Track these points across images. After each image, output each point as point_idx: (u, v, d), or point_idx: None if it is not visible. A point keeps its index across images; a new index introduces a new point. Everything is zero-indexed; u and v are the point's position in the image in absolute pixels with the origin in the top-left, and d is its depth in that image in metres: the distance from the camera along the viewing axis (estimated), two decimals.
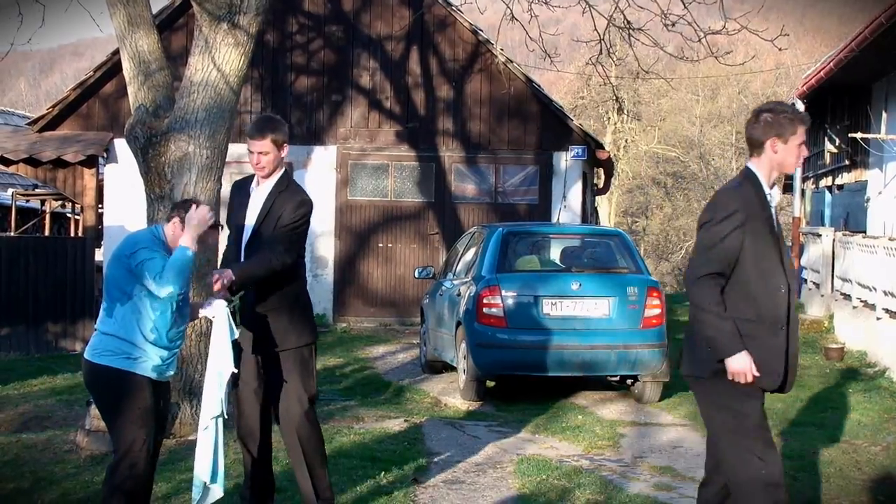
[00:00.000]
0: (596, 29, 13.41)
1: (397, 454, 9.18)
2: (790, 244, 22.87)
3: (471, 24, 21.57)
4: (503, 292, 12.32)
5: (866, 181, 21.19)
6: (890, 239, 15.06)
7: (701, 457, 9.50)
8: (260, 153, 6.99)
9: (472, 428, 10.78)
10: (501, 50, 21.36)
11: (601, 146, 23.43)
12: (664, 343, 12.35)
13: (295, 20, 21.72)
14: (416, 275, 15.77)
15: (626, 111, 48.66)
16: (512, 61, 21.78)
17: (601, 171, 28.38)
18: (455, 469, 8.85)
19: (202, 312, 6.63)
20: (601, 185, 30.23)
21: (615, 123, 49.89)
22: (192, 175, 9.72)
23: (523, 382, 13.07)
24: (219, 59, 9.67)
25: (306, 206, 7.30)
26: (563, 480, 8.42)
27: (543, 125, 21.78)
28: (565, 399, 12.62)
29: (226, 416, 6.57)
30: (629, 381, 12.95)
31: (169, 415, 7.16)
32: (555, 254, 13.85)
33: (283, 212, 7.09)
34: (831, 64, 19.30)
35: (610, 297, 12.35)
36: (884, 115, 19.74)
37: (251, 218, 7.10)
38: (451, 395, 12.90)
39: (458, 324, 12.86)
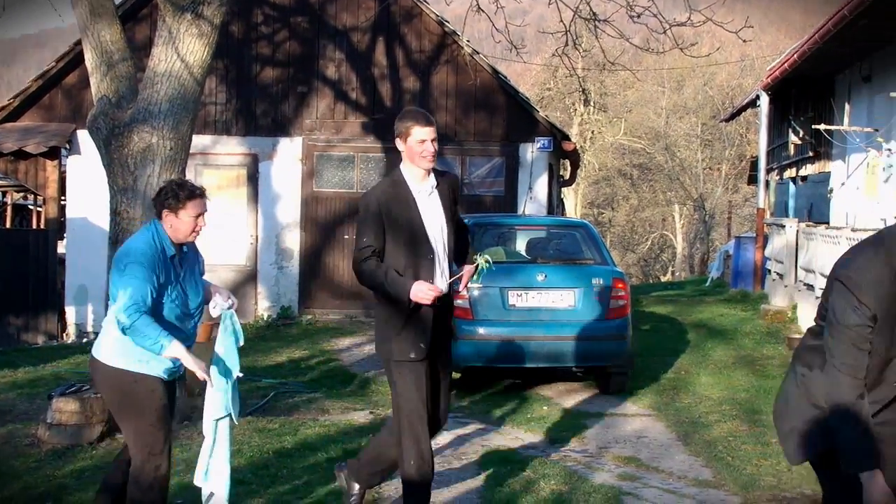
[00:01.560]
0: (562, 20, 13.42)
1: (363, 446, 9.17)
2: (755, 235, 23.00)
3: (437, 15, 21.55)
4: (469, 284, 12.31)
5: (829, 172, 21.33)
6: (852, 230, 15.16)
7: (664, 446, 9.61)
8: (433, 140, 6.72)
9: None
10: (468, 41, 21.37)
11: (567, 138, 23.44)
12: (629, 334, 12.39)
13: (260, 11, 21.63)
14: None
15: (592, 103, 48.84)
16: (478, 53, 21.77)
17: (567, 162, 28.45)
18: None
19: (213, 310, 6.47)
20: (567, 177, 30.30)
21: (581, 115, 50.09)
22: (155, 166, 9.68)
23: (489, 374, 13.08)
24: (182, 49, 9.63)
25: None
26: (528, 471, 8.45)
27: (510, 117, 21.78)
28: (530, 390, 12.65)
29: (235, 420, 6.54)
30: (594, 373, 12.99)
31: (176, 414, 7.01)
32: (521, 245, 13.86)
33: (454, 199, 6.93)
34: (795, 56, 19.40)
35: (575, 289, 12.37)
36: (846, 106, 19.87)
37: (437, 217, 6.76)
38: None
39: None
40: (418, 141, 6.65)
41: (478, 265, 6.82)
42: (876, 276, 4.53)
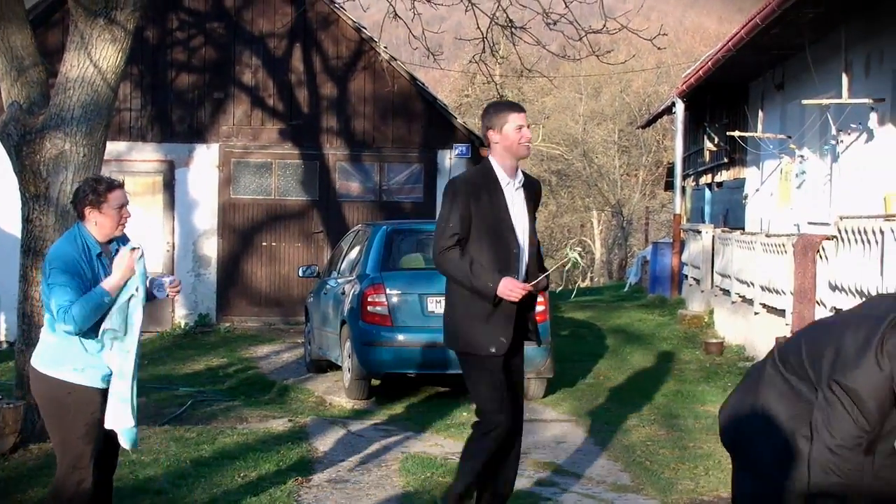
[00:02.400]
0: (479, 27, 13.44)
1: (281, 454, 9.13)
2: (671, 241, 23.23)
3: (354, 21, 21.50)
4: (387, 290, 12.31)
5: (744, 179, 21.60)
6: (767, 235, 15.38)
7: (583, 451, 9.66)
8: (529, 126, 6.63)
9: (358, 426, 10.77)
10: (385, 48, 21.36)
11: (484, 144, 23.51)
12: (548, 340, 12.42)
13: (175, 16, 21.42)
14: (301, 273, 15.72)
15: None
16: (396, 59, 21.76)
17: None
18: (339, 468, 8.83)
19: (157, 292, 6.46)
20: None
21: None
22: (68, 173, 9.53)
23: (409, 380, 13.07)
24: (95, 55, 9.50)
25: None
26: (448, 478, 8.41)
27: (428, 123, 21.80)
28: (451, 396, 12.65)
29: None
30: None
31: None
32: None
33: (536, 203, 6.86)
34: (710, 63, 19.62)
35: None
36: (760, 114, 20.15)
37: (522, 212, 6.69)
38: (337, 393, 12.86)
39: (343, 322, 12.82)
40: (516, 128, 6.53)
41: (568, 259, 6.69)
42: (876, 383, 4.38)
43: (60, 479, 6.01)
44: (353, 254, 13.81)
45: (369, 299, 12.29)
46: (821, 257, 12.33)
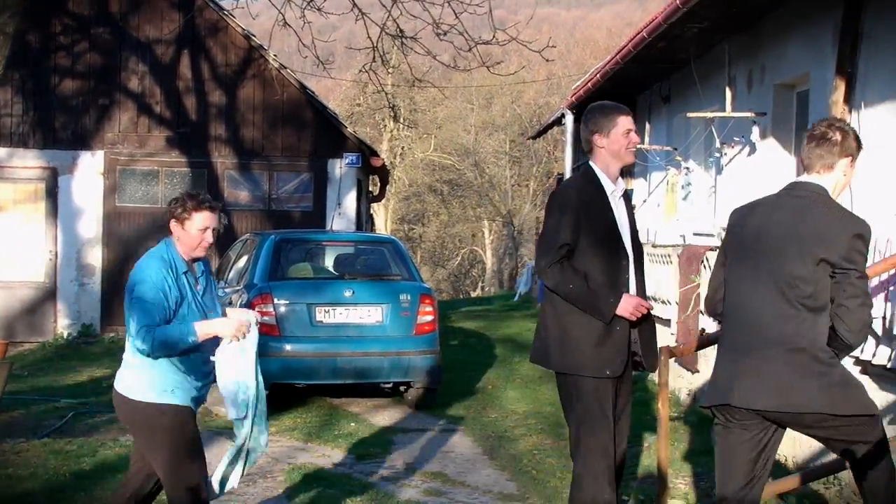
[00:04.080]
0: (369, 36, 13.46)
1: None
2: None
3: (243, 29, 21.38)
4: (275, 300, 12.25)
5: (632, 190, 21.88)
6: (653, 246, 15.59)
7: (471, 461, 9.71)
8: (634, 130, 6.30)
9: None
10: (275, 56, 21.26)
11: (376, 154, 23.54)
12: (436, 349, 12.49)
13: (59, 21, 21.09)
14: None
15: (401, 119, 49.02)
16: (286, 67, 21.69)
17: (377, 178, 28.52)
18: None
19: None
20: (376, 193, 30.37)
21: (391, 131, 50.22)
22: None
23: (297, 391, 13.02)
24: None
25: None
26: (335, 489, 8.43)
27: (318, 132, 21.75)
28: (338, 406, 12.64)
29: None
30: (402, 388, 13.05)
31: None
32: (328, 261, 13.86)
33: (633, 213, 6.41)
34: (598, 76, 19.82)
35: (383, 305, 12.42)
36: (647, 125, 20.41)
37: (625, 221, 6.29)
38: (223, 404, 12.72)
39: None
40: (624, 132, 6.21)
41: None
42: None
43: (174, 500, 5.84)
44: (241, 263, 13.72)
45: (256, 309, 12.20)
46: (705, 268, 12.52)
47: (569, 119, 23.40)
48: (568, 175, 23.87)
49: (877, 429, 5.50)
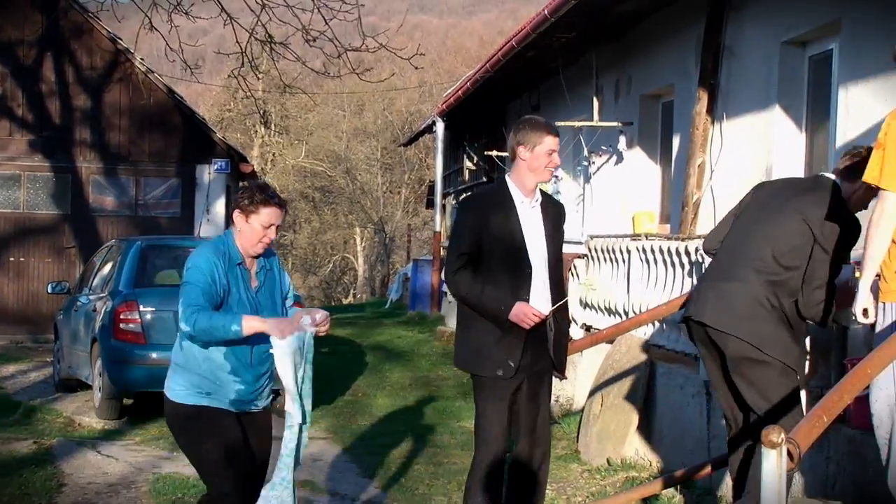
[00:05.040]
0: (238, 41, 13.35)
1: (24, 479, 8.82)
2: (432, 258, 23.54)
3: (109, 32, 21.12)
4: (141, 307, 12.09)
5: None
6: None
7: (337, 469, 9.71)
8: (557, 152, 6.32)
9: (108, 447, 10.52)
10: (142, 59, 21.04)
11: (245, 160, 23.43)
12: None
13: None
14: (50, 290, 15.27)
15: (272, 125, 48.81)
16: (154, 72, 21.48)
17: (247, 184, 28.38)
18: (86, 491, 8.61)
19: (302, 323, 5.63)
20: None
21: (262, 137, 49.98)
22: None
23: (162, 399, 12.84)
24: None
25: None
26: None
27: (186, 137, 21.59)
28: None
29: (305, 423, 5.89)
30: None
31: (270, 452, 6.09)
32: None
33: (558, 224, 6.47)
34: (469, 84, 19.97)
35: None
36: None
37: (538, 232, 6.32)
38: (87, 413, 12.56)
39: (94, 340, 12.54)
40: (548, 151, 6.24)
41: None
42: None
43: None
44: (106, 270, 13.53)
45: (122, 316, 12.05)
46: (573, 275, 12.68)
47: (439, 126, 23.49)
48: (439, 183, 24.00)
49: (787, 394, 5.84)
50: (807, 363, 6.44)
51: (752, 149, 10.80)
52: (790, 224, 5.98)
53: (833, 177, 6.12)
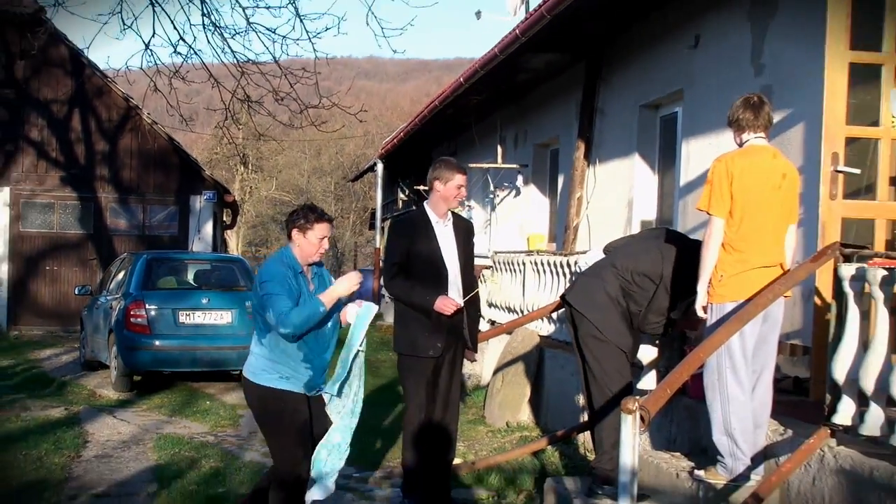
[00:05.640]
0: (223, 100, 13.30)
1: (57, 436, 8.74)
2: (373, 268, 23.51)
3: (123, 92, 20.93)
4: (147, 306, 12.04)
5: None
6: None
7: None
8: (465, 186, 6.44)
9: (122, 413, 10.44)
10: (148, 114, 20.87)
11: (228, 191, 23.28)
12: None
13: None
14: (77, 292, 15.18)
15: (250, 164, 48.48)
16: (157, 123, 21.32)
17: (230, 210, 28.18)
18: (105, 446, 8.55)
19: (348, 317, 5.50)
20: (229, 222, 29.95)
21: (242, 174, 49.59)
22: None
23: (164, 377, 12.77)
24: None
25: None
26: (192, 452, 8.31)
27: (182, 174, 21.48)
28: (197, 389, 12.43)
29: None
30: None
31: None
32: (190, 275, 13.65)
33: (467, 238, 6.52)
34: (402, 134, 20.03)
35: (232, 310, 12.33)
36: None
37: (450, 245, 6.38)
38: (106, 387, 12.43)
39: (111, 331, 12.44)
40: (457, 186, 6.36)
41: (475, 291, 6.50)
42: None
43: (281, 477, 5.33)
44: (120, 276, 13.42)
45: (132, 312, 11.98)
46: (482, 281, 12.77)
47: (379, 167, 23.52)
48: (379, 211, 23.99)
49: (618, 367, 5.94)
50: (640, 348, 6.56)
51: (617, 186, 10.93)
52: (651, 255, 5.95)
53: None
